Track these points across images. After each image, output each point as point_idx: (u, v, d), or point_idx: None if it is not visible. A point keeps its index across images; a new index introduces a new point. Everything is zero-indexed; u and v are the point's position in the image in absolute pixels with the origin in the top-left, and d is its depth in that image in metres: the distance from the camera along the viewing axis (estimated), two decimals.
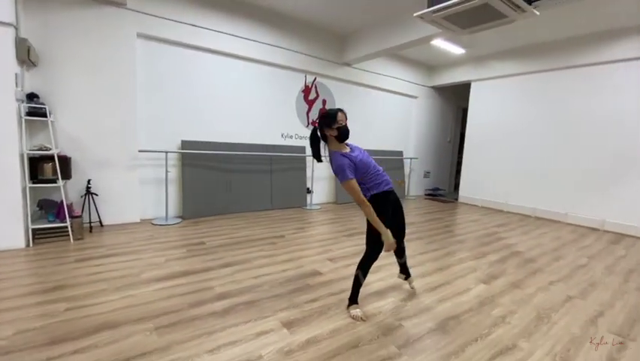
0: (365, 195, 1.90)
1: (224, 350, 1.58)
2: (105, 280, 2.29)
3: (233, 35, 4.27)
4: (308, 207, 5.16)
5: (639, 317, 2.14)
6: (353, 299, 2.03)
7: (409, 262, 2.97)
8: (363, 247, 2.04)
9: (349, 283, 2.39)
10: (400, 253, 2.28)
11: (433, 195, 7.27)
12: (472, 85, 6.38)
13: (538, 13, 2.96)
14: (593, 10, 4.04)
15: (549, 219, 5.26)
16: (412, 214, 5.23)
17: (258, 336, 1.71)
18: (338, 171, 1.86)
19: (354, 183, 1.85)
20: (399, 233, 2.13)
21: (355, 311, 1.96)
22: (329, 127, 1.89)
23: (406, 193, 6.95)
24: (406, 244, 3.47)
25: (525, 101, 5.62)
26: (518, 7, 2.81)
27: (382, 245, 1.91)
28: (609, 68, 4.62)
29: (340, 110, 1.91)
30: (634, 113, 4.42)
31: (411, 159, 6.88)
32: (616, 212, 4.59)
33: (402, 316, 2.01)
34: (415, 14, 3.12)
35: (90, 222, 3.41)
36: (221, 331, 1.74)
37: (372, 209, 1.85)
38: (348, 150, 1.97)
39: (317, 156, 2.01)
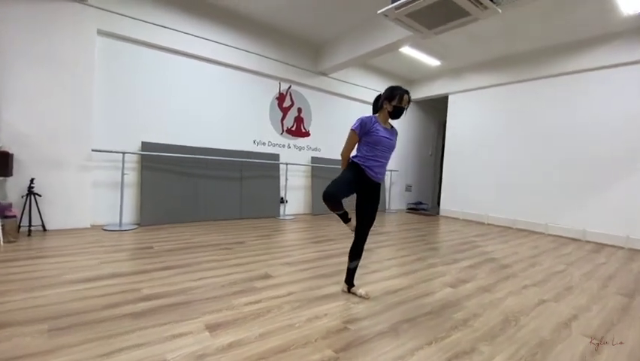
0: (354, 157, 2.00)
1: (122, 354, 1.31)
2: (19, 281, 2.00)
3: (203, 38, 4.20)
4: (281, 218, 4.91)
5: (617, 320, 1.93)
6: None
7: (371, 267, 2.76)
8: (329, 253, 1.94)
9: (300, 286, 2.17)
10: (354, 252, 2.05)
11: (415, 209, 7.10)
12: (450, 97, 6.41)
13: (500, 10, 2.94)
14: (562, 19, 4.11)
15: (530, 230, 5.10)
16: (389, 225, 5.02)
17: (172, 339, 1.44)
18: (356, 121, 1.98)
19: (352, 135, 1.98)
20: (364, 219, 2.05)
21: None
22: (389, 101, 1.98)
23: (387, 207, 6.77)
24: (372, 250, 3.28)
25: (502, 113, 5.62)
26: (480, 3, 2.79)
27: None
28: (582, 77, 4.66)
29: (407, 92, 1.98)
30: (609, 121, 4.41)
31: (391, 171, 6.76)
32: (596, 222, 4.46)
33: (349, 319, 1.76)
34: (378, 11, 3.08)
35: (30, 226, 3.10)
36: (129, 333, 1.47)
37: (345, 168, 2.00)
38: (387, 125, 2.04)
39: (374, 109, 2.13)
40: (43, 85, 3.24)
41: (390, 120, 2.08)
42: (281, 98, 5.15)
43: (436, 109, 7.66)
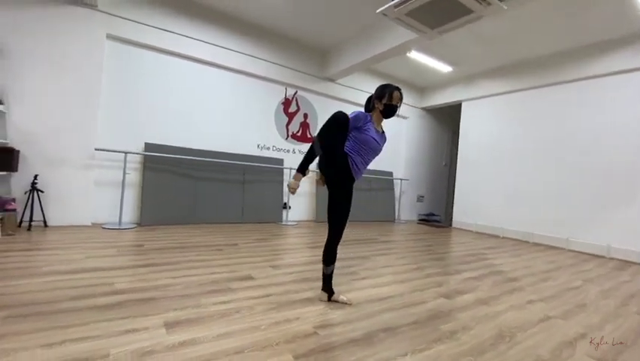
0: (343, 149, 1.84)
1: (65, 345, 1.24)
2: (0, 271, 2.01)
3: (209, 43, 4.29)
4: (283, 223, 4.83)
5: (632, 343, 1.67)
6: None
7: (361, 274, 2.60)
8: (320, 257, 1.83)
9: (279, 289, 2.06)
10: (330, 255, 1.91)
11: (426, 220, 6.82)
12: (463, 105, 6.20)
13: (505, 7, 2.80)
14: (578, 20, 3.89)
15: (548, 245, 4.74)
16: (394, 235, 4.81)
17: (125, 334, 1.36)
18: (351, 113, 1.86)
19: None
20: (343, 216, 1.90)
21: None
22: (379, 100, 1.89)
23: (396, 217, 6.54)
24: (368, 257, 3.11)
25: (517, 120, 5.35)
26: None
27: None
28: (602, 81, 4.37)
29: (398, 89, 1.88)
30: (634, 128, 4.07)
31: (401, 180, 6.55)
32: (622, 237, 4.07)
33: (322, 324, 1.62)
34: (377, 10, 3.01)
35: (31, 221, 3.17)
36: (83, 325, 1.40)
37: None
38: (379, 128, 1.95)
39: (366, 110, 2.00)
40: (51, 85, 3.37)
41: (383, 122, 1.99)
42: (287, 103, 5.14)
43: (450, 117, 7.43)
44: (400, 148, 6.79)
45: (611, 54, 4.23)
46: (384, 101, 1.87)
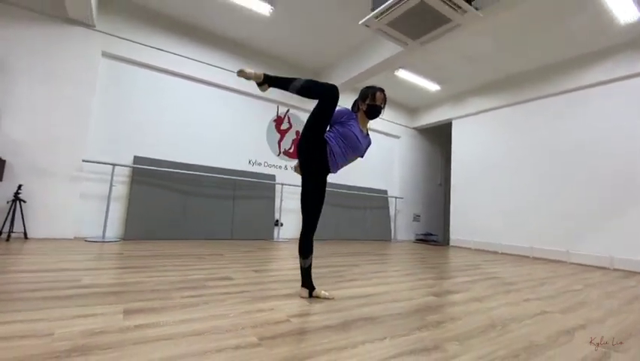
0: (326, 135, 1.82)
1: (8, 325, 1.13)
2: None
3: (203, 62, 4.45)
4: (275, 240, 4.70)
5: (637, 332, 1.54)
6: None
7: (348, 277, 2.47)
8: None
9: (257, 287, 1.95)
10: (307, 246, 1.81)
11: (424, 240, 6.65)
12: (453, 123, 6.29)
13: (481, 15, 2.92)
14: (555, 35, 4.05)
15: (549, 259, 4.57)
16: (390, 250, 4.66)
17: (76, 318, 1.25)
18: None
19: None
20: (319, 203, 1.83)
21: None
22: (363, 100, 1.90)
23: (392, 237, 6.39)
24: (359, 265, 2.98)
25: (507, 135, 5.40)
26: (458, 7, 2.79)
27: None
28: (586, 93, 4.47)
29: (381, 90, 1.89)
30: (621, 136, 4.09)
31: (395, 198, 6.48)
32: (625, 247, 3.93)
33: (297, 313, 1.50)
34: (360, 22, 3.15)
35: (10, 231, 3.08)
36: (35, 311, 1.29)
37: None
38: (364, 129, 1.93)
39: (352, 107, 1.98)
40: (45, 99, 3.44)
41: (369, 124, 2.00)
42: (279, 120, 5.22)
43: (441, 136, 7.52)
44: (393, 167, 6.80)
45: (594, 66, 4.35)
46: (368, 102, 1.89)
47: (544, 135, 4.89)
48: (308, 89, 1.76)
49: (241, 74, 1.81)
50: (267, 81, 1.82)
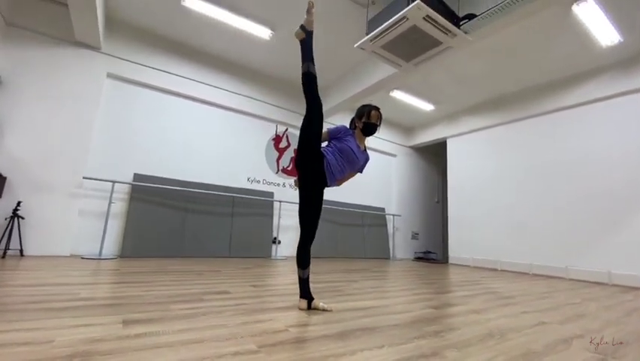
0: (324, 149, 1.93)
1: (7, 333, 1.13)
2: None
3: (204, 83, 4.59)
4: (273, 258, 4.66)
5: (634, 340, 1.54)
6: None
7: (346, 292, 2.46)
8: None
9: (255, 300, 1.95)
10: (305, 257, 1.83)
11: (423, 258, 6.61)
12: (448, 141, 6.43)
13: (470, 38, 3.08)
14: (541, 59, 4.25)
15: (548, 275, 4.55)
16: (388, 267, 4.64)
17: (76, 327, 1.25)
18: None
19: (325, 131, 1.96)
20: (318, 213, 1.89)
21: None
22: (359, 118, 1.98)
23: (391, 255, 6.35)
24: (357, 281, 2.96)
25: (501, 153, 5.52)
26: (448, 30, 2.95)
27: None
28: (576, 111, 4.62)
29: (376, 108, 1.98)
30: (619, 153, 4.18)
31: (393, 215, 6.50)
32: (623, 262, 3.94)
33: (296, 324, 1.50)
34: (355, 45, 3.30)
35: (7, 248, 3.06)
36: (35, 320, 1.29)
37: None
38: (361, 145, 2.00)
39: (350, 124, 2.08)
40: (47, 117, 3.52)
41: (367, 144, 2.10)
42: (277, 139, 5.33)
43: (437, 154, 7.65)
44: (390, 185, 6.87)
45: (583, 85, 4.51)
46: (364, 120, 1.96)
47: (538, 152, 5.00)
48: (308, 83, 1.92)
49: (310, 6, 1.97)
50: (304, 35, 2.03)
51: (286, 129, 5.45)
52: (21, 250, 3.20)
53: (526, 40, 3.93)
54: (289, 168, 5.37)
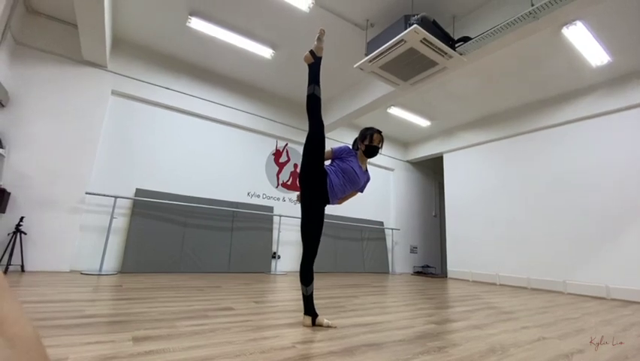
0: (327, 167, 2.00)
1: None
2: None
3: (204, 100, 4.69)
4: (272, 273, 4.66)
5: (633, 356, 1.58)
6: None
7: (348, 308, 2.47)
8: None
9: (260, 317, 1.97)
10: (308, 274, 1.86)
11: (422, 272, 6.61)
12: (444, 156, 6.54)
13: (465, 59, 3.22)
14: (534, 78, 4.41)
15: (547, 289, 4.58)
16: (387, 282, 4.64)
17: (87, 345, 1.27)
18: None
19: (329, 150, 2.06)
20: (320, 230, 1.93)
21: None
22: (362, 141, 2.07)
23: (390, 270, 6.35)
24: (358, 296, 2.98)
25: (496, 168, 5.63)
26: (444, 52, 3.08)
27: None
28: (573, 127, 4.74)
29: (378, 132, 2.05)
30: (616, 167, 4.28)
31: (392, 229, 6.54)
32: (621, 276, 3.98)
33: (302, 340, 1.53)
34: (355, 65, 3.43)
35: (8, 264, 3.06)
36: (46, 338, 1.29)
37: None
38: (363, 166, 2.09)
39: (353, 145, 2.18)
40: (52, 133, 3.57)
41: (367, 162, 2.17)
42: (277, 154, 5.40)
43: (434, 169, 7.76)
44: (388, 199, 6.93)
45: (575, 103, 4.66)
46: (366, 143, 2.05)
47: (534, 168, 5.10)
48: (312, 105, 2.00)
49: (321, 34, 2.07)
50: (313, 60, 2.10)
51: (286, 144, 5.54)
52: (22, 266, 3.20)
53: (518, 61, 4.09)
54: (289, 183, 5.43)
